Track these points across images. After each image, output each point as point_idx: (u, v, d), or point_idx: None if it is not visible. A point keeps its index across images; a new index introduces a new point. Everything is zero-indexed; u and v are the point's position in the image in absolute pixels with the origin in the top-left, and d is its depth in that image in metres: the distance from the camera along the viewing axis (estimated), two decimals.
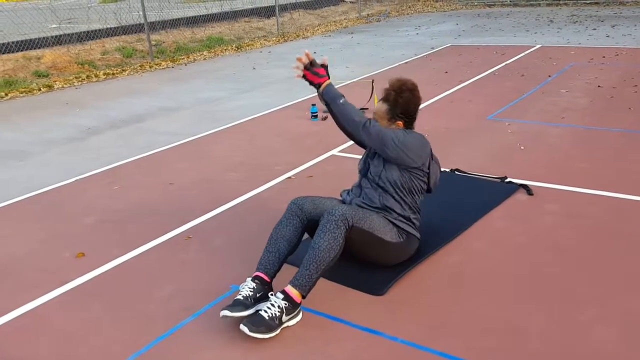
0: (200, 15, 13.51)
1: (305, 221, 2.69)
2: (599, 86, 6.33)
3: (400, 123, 2.80)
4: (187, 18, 13.02)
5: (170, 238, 3.34)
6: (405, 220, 2.77)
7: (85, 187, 4.27)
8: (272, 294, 2.44)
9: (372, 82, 5.85)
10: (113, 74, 9.02)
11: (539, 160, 4.20)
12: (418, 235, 2.85)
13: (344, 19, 15.39)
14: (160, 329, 2.47)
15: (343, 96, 2.74)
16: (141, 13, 10.38)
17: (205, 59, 10.39)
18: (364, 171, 2.86)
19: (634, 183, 3.68)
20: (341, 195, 2.98)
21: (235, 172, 4.39)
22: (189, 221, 3.54)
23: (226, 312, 2.37)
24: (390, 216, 2.74)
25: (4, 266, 3.13)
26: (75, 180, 4.41)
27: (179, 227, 3.47)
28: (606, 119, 5.13)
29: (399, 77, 2.96)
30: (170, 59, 10.10)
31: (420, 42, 10.62)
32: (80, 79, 8.62)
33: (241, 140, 5.22)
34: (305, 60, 2.75)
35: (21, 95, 7.83)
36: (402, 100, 2.79)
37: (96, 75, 8.85)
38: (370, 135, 2.69)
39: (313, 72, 2.74)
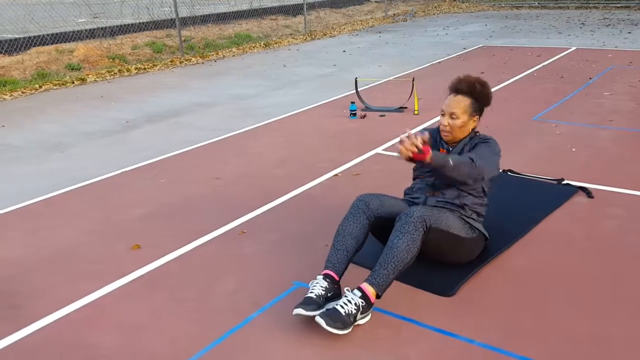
0: (228, 12, 13.52)
1: (372, 218, 2.63)
2: None
3: (477, 117, 2.75)
4: (215, 15, 13.02)
5: (224, 232, 3.29)
6: (477, 218, 2.73)
7: (130, 180, 4.24)
8: (348, 290, 2.38)
9: (413, 80, 5.77)
10: (144, 68, 9.03)
11: (593, 163, 4.10)
12: (486, 233, 2.79)
13: (370, 18, 15.32)
14: (229, 322, 2.43)
15: (448, 157, 2.53)
16: (172, 8, 10.40)
17: (234, 55, 10.38)
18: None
19: None
20: (406, 194, 2.91)
21: (280, 168, 4.34)
22: (241, 216, 3.50)
23: (300, 311, 2.31)
24: (465, 213, 2.69)
25: (57, 257, 3.11)
26: (120, 173, 4.39)
27: (231, 221, 3.43)
28: None
29: (465, 74, 2.88)
30: (199, 55, 10.10)
31: (450, 42, 10.51)
32: (112, 73, 8.63)
33: (280, 137, 5.17)
34: (419, 144, 2.45)
35: (55, 87, 7.86)
36: (487, 93, 2.74)
37: (128, 70, 8.86)
38: (483, 170, 2.58)
39: (420, 150, 2.47)
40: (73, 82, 8.05)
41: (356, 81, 6.12)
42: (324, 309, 2.37)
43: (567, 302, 2.47)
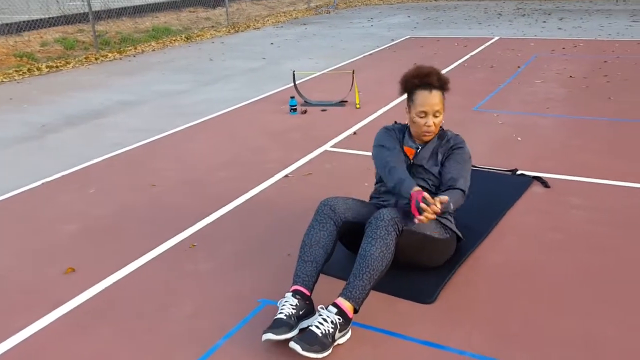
0: (144, 5, 12.81)
1: (339, 224, 2.41)
2: (570, 76, 6.38)
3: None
4: (130, 7, 12.28)
5: (172, 247, 2.96)
6: (448, 217, 2.58)
7: (54, 191, 3.78)
8: (322, 308, 2.15)
9: (353, 73, 5.61)
10: (57, 66, 8.30)
11: (541, 152, 4.11)
12: (460, 233, 2.66)
13: (293, 9, 15.06)
14: (192, 354, 2.13)
15: (450, 204, 2.33)
16: (84, 2, 9.65)
17: (154, 50, 9.81)
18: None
19: None
20: (373, 198, 2.72)
21: (223, 171, 4.03)
22: (187, 227, 3.18)
23: (270, 336, 2.06)
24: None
25: None
26: (42, 184, 3.91)
27: (177, 234, 3.10)
28: (590, 108, 5.13)
29: (419, 64, 2.72)
30: (116, 51, 9.45)
31: (377, 33, 10.48)
32: (21, 73, 7.86)
33: (218, 136, 4.84)
34: (439, 209, 2.22)
35: None
36: (448, 80, 2.59)
37: (38, 69, 8.11)
38: (467, 190, 2.52)
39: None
40: None
41: (294, 75, 5.87)
42: (296, 330, 2.13)
43: (548, 302, 2.37)
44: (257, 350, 2.13)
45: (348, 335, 2.17)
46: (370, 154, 4.18)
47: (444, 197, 2.24)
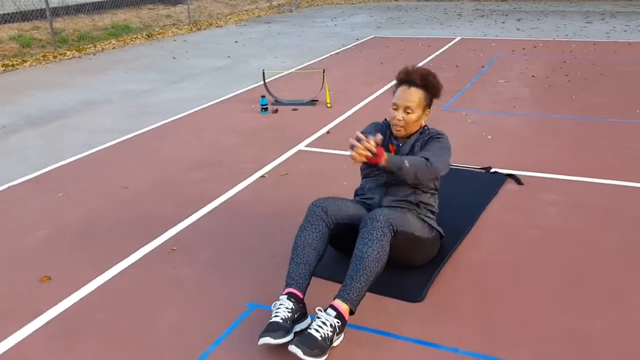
0: (102, 2, 12.46)
1: (331, 225, 2.39)
2: (533, 76, 6.54)
3: (429, 111, 2.63)
4: (89, 4, 11.93)
5: (150, 252, 2.88)
6: (432, 215, 2.61)
7: (21, 196, 3.63)
8: (320, 310, 2.13)
9: (324, 72, 5.60)
10: (12, 65, 7.99)
11: (511, 150, 4.19)
12: (441, 230, 2.68)
13: (255, 8, 14.95)
14: None
15: (404, 158, 2.40)
16: None
17: (114, 48, 9.57)
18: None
19: (618, 168, 3.74)
20: (357, 195, 2.72)
21: (197, 172, 3.95)
22: (164, 231, 3.10)
23: (268, 340, 2.03)
24: (421, 212, 2.55)
25: None
26: (7, 188, 3.75)
27: (154, 238, 3.02)
28: (555, 107, 5.27)
29: (411, 65, 2.74)
30: (75, 49, 9.16)
31: (342, 33, 10.50)
32: None
33: (189, 136, 4.75)
34: (373, 148, 2.27)
35: None
36: (438, 85, 2.61)
37: None
38: (438, 169, 2.49)
39: (373, 154, 2.30)
40: None
41: (264, 74, 5.82)
42: (291, 334, 2.11)
43: (532, 297, 2.42)
44: (250, 356, 2.10)
45: (342, 337, 2.16)
46: (346, 153, 4.20)
47: (378, 135, 2.32)
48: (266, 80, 5.92)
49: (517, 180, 3.61)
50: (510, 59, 7.58)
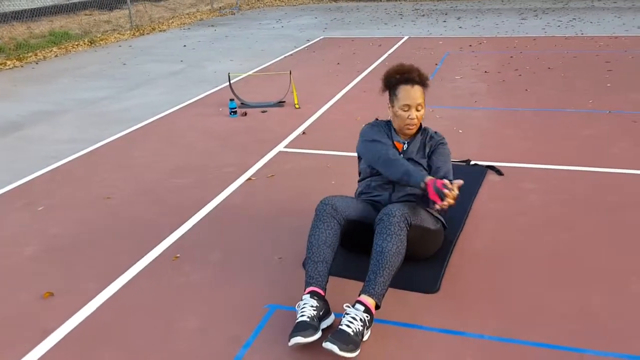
0: (36, 8, 11.91)
1: (342, 222, 2.44)
2: (485, 72, 6.82)
3: None
4: (25, 11, 11.39)
5: (153, 260, 2.82)
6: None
7: (0, 211, 3.45)
8: (348, 307, 2.16)
9: (290, 73, 5.61)
10: None
11: (483, 142, 4.37)
12: (444, 221, 2.78)
13: (196, 11, 14.71)
14: None
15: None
16: None
17: (56, 55, 9.19)
18: None
19: (582, 155, 3.98)
20: (362, 194, 2.76)
21: (179, 178, 3.88)
22: (163, 239, 3.04)
23: (299, 339, 2.04)
24: (427, 205, 2.63)
25: None
26: None
27: (154, 246, 2.96)
28: (513, 100, 5.52)
29: (396, 64, 2.82)
30: (15, 58, 8.72)
31: (291, 34, 10.53)
32: None
33: (161, 142, 4.65)
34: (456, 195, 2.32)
35: None
36: (427, 78, 2.71)
37: None
38: None
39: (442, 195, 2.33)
40: None
41: (229, 77, 5.76)
42: (320, 332, 2.13)
43: (538, 279, 2.54)
44: (281, 357, 2.10)
45: (369, 332, 2.20)
46: (326, 152, 4.25)
47: (459, 181, 2.35)
48: (225, 85, 5.87)
49: (497, 171, 3.77)
50: (460, 56, 7.85)
